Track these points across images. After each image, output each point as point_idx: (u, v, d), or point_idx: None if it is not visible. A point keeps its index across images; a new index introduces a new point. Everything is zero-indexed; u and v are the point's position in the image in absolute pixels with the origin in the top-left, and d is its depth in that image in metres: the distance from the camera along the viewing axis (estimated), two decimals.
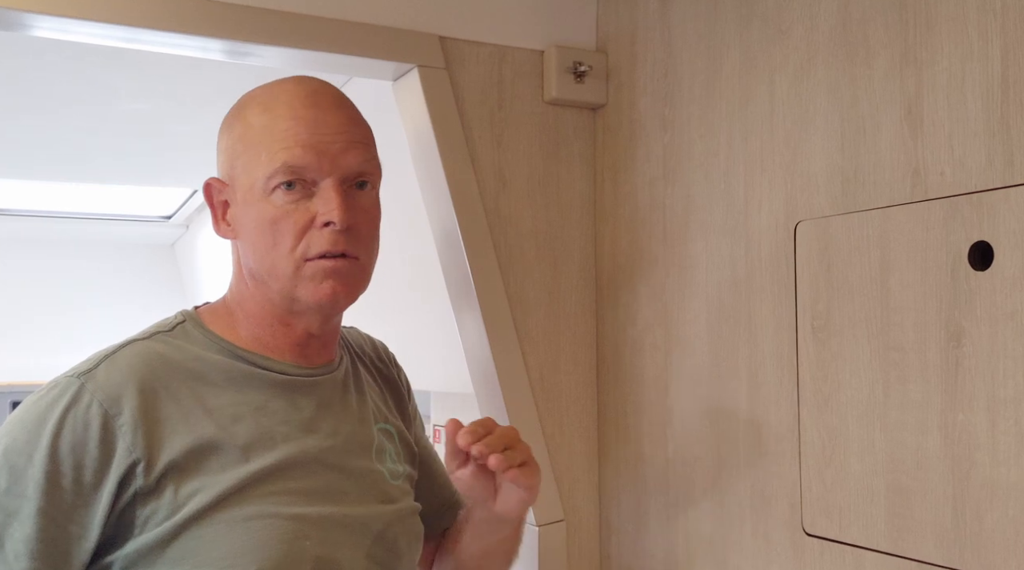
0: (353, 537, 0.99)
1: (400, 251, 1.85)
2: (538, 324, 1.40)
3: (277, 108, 0.98)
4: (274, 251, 0.97)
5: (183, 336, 1.00)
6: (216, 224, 1.03)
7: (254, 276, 1.01)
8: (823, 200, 1.08)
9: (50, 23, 1.14)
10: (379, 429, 1.09)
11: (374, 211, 1.02)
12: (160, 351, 0.98)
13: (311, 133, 0.96)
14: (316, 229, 0.96)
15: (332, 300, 0.98)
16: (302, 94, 0.99)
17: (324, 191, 0.96)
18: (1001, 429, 0.89)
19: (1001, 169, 0.90)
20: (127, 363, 0.95)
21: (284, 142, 0.95)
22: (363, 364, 1.14)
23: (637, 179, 1.38)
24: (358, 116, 1.02)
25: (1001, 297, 0.89)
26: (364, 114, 1.04)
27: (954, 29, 0.95)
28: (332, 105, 0.99)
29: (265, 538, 0.92)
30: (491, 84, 1.38)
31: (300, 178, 0.96)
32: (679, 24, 1.31)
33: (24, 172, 2.61)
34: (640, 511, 1.36)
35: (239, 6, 1.21)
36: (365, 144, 1.00)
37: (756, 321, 1.17)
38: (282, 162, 0.95)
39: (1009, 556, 0.88)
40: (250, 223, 0.98)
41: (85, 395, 0.91)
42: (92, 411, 0.91)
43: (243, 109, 1.01)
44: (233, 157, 1.00)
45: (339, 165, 0.96)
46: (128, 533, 0.91)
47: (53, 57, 1.61)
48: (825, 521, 1.06)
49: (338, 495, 1.00)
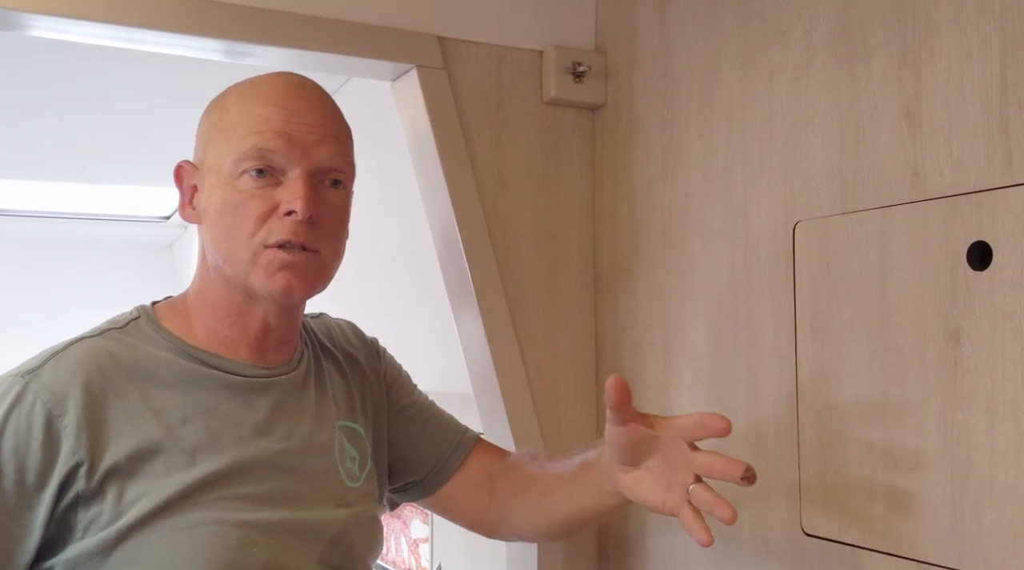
0: (305, 543, 0.97)
1: (399, 251, 1.85)
2: (537, 324, 1.40)
3: (257, 96, 0.97)
4: (232, 235, 0.96)
5: (136, 333, 0.99)
6: (182, 208, 1.02)
7: (213, 262, 0.99)
8: (822, 200, 1.08)
9: (48, 23, 1.14)
10: (340, 427, 1.06)
11: (342, 210, 1.01)
12: (110, 349, 0.96)
13: (286, 120, 0.95)
14: (278, 217, 0.95)
15: (286, 292, 0.96)
16: (284, 85, 0.98)
17: (291, 181, 0.95)
18: (1000, 429, 0.89)
19: (1000, 169, 0.90)
20: (74, 361, 0.93)
21: (257, 126, 0.95)
22: (329, 357, 1.12)
23: (636, 179, 1.38)
24: (338, 114, 1.01)
25: (1000, 297, 0.89)
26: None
27: (953, 30, 0.95)
28: (313, 99, 0.99)
29: (209, 545, 0.90)
30: (490, 84, 1.38)
31: (269, 165, 0.95)
32: (678, 24, 1.31)
33: (21, 172, 2.61)
34: (638, 510, 1.36)
35: (237, 6, 1.21)
36: (341, 140, 0.99)
37: (755, 321, 1.17)
38: (251, 145, 0.94)
39: (1008, 556, 0.88)
40: (213, 206, 0.97)
41: (28, 395, 0.89)
42: (35, 411, 0.89)
43: (223, 97, 1.01)
44: (206, 141, 0.99)
45: (310, 156, 0.96)
46: (69, 537, 0.89)
47: (52, 57, 1.61)
48: (824, 521, 1.06)
49: (291, 499, 0.97)
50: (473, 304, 1.34)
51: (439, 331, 1.49)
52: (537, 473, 1.16)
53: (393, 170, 1.79)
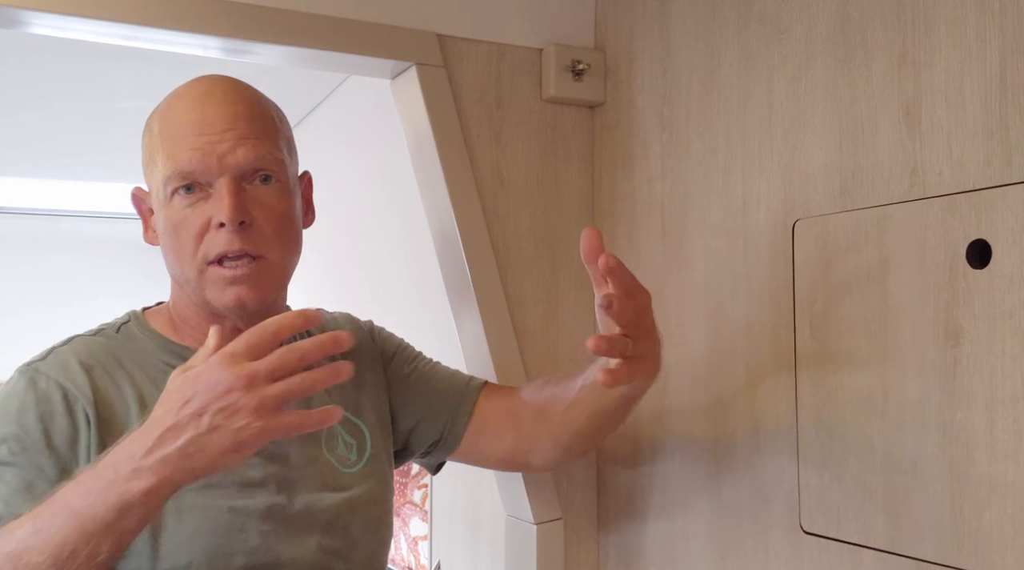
0: (297, 528, 0.99)
1: (398, 250, 1.85)
2: (536, 323, 1.40)
3: (171, 114, 0.99)
4: (179, 256, 0.99)
5: (127, 336, 1.03)
6: (144, 232, 1.06)
7: (175, 280, 1.03)
8: (821, 199, 1.08)
9: (48, 20, 1.14)
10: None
11: (280, 205, 1.01)
12: (104, 344, 1.01)
13: (197, 135, 0.96)
14: (213, 230, 0.96)
15: (237, 305, 0.98)
16: (193, 95, 1.00)
17: (217, 191, 0.97)
18: (999, 427, 0.89)
19: (999, 168, 0.90)
20: (73, 353, 0.99)
21: (173, 148, 0.97)
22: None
23: (635, 177, 1.38)
24: (252, 111, 1.00)
25: (999, 295, 0.89)
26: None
27: (953, 30, 0.95)
28: (222, 102, 0.99)
29: (198, 530, 0.93)
30: (489, 82, 1.38)
31: (195, 181, 0.97)
32: (678, 23, 1.31)
33: (17, 169, 2.61)
34: (638, 509, 1.36)
35: (237, 3, 1.20)
36: (258, 138, 0.99)
37: (754, 319, 1.17)
38: (172, 169, 0.96)
39: (1007, 554, 0.88)
40: (161, 228, 1.01)
41: (41, 378, 0.95)
42: (52, 388, 0.94)
43: (151, 117, 1.03)
44: (144, 165, 1.03)
45: (227, 164, 0.96)
46: None
47: (51, 55, 1.60)
48: (823, 519, 1.07)
49: (282, 486, 1.00)
50: (472, 302, 1.34)
51: (438, 329, 1.49)
52: (548, 396, 1.16)
53: (392, 168, 1.79)
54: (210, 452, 0.79)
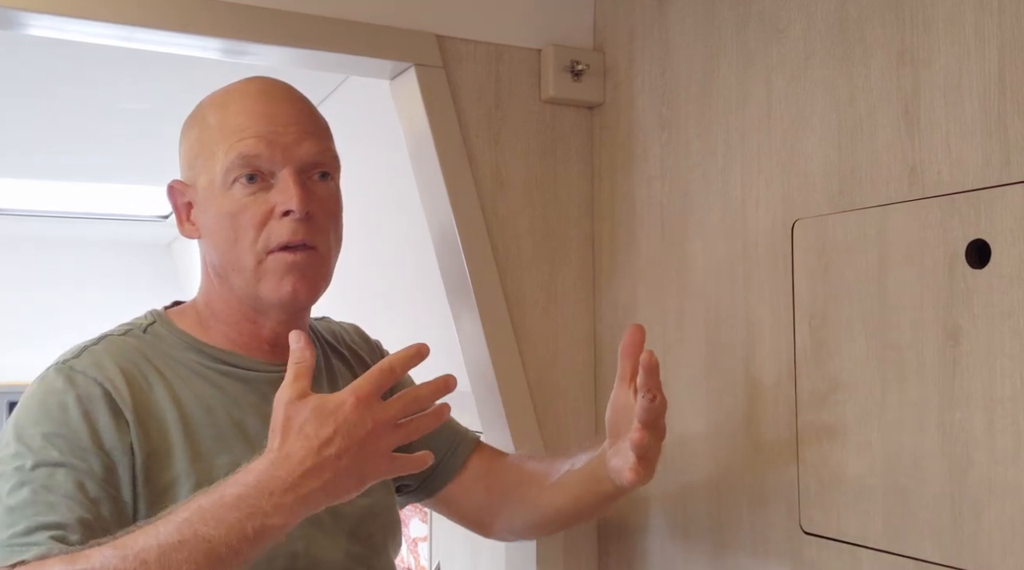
0: (328, 533, 1.00)
1: (397, 250, 1.85)
2: (536, 323, 1.40)
3: (231, 106, 1.00)
4: (236, 246, 0.98)
5: (155, 336, 1.03)
6: (180, 225, 1.05)
7: (219, 274, 1.02)
8: (820, 198, 1.08)
9: (47, 22, 1.14)
10: None
11: (334, 202, 1.03)
12: (135, 345, 1.00)
13: (264, 125, 0.98)
14: (275, 219, 0.97)
15: (292, 298, 0.99)
16: (254, 91, 1.01)
17: (282, 181, 0.98)
18: (999, 427, 0.89)
19: (998, 167, 0.90)
20: (106, 352, 0.98)
21: (238, 135, 0.97)
22: (336, 355, 1.15)
23: (635, 178, 1.38)
24: (312, 110, 1.04)
25: (998, 295, 0.89)
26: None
27: (951, 28, 0.95)
28: (284, 99, 1.01)
29: None
30: (488, 83, 1.38)
31: (257, 170, 0.97)
32: (677, 23, 1.31)
33: (20, 171, 2.61)
34: (638, 510, 1.36)
35: (236, 4, 1.21)
36: (319, 135, 1.02)
37: (753, 320, 1.17)
38: (237, 154, 0.97)
39: (1007, 554, 0.88)
40: (211, 219, 1.00)
41: (79, 376, 0.94)
42: (92, 387, 0.94)
43: (200, 111, 1.03)
44: (192, 157, 1.02)
45: (293, 155, 0.98)
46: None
47: (52, 56, 1.61)
48: (823, 519, 1.07)
49: None
50: (472, 303, 1.34)
51: (438, 330, 1.49)
52: (534, 468, 1.19)
53: (391, 169, 1.79)
54: (342, 489, 0.84)
